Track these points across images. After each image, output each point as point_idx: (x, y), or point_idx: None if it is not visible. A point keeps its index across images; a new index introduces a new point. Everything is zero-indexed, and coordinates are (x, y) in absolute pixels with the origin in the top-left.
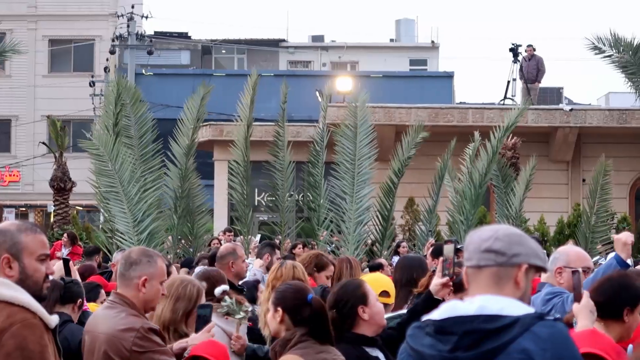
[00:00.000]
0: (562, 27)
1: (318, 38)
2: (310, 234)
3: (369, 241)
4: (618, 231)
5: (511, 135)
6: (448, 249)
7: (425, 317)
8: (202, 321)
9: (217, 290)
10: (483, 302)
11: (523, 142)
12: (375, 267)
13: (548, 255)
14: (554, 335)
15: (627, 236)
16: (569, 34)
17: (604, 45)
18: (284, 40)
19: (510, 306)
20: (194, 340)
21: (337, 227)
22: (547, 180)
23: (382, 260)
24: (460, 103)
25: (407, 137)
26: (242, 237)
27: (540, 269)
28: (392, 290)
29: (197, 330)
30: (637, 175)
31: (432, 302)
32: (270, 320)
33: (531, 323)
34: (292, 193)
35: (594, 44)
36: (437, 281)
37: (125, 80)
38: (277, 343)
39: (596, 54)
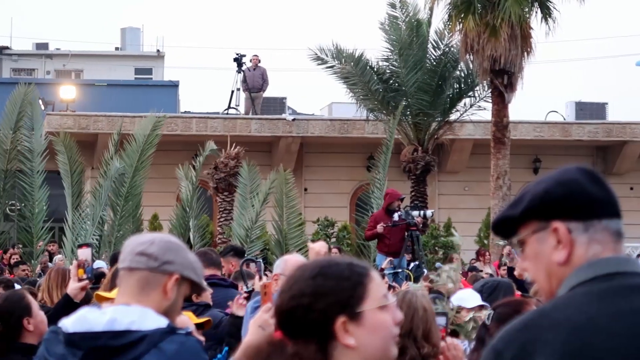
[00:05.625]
0: (286, 38)
1: (42, 46)
2: (28, 243)
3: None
4: (339, 240)
5: (234, 144)
6: (83, 253)
7: (61, 322)
8: None
9: None
10: (114, 314)
11: (246, 152)
12: None
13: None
14: (180, 351)
15: (320, 246)
16: (292, 44)
17: (327, 56)
18: (7, 48)
19: (141, 320)
20: None
21: (59, 235)
22: (272, 191)
23: None
24: (185, 112)
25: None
26: None
27: (196, 285)
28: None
29: None
30: (358, 184)
31: (71, 306)
32: None
33: (159, 339)
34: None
35: (316, 54)
36: (74, 285)
37: None
38: None
39: (319, 64)
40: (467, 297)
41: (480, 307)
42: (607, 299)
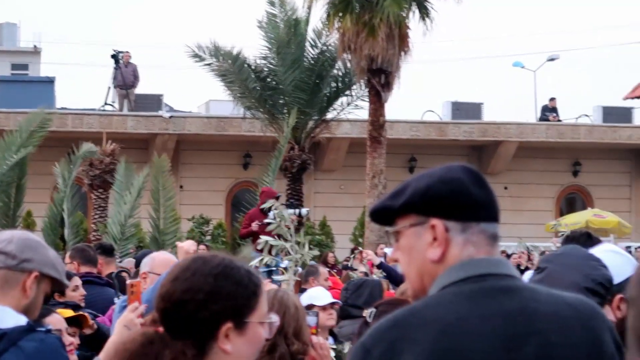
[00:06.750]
0: (164, 35)
1: None
2: None
3: None
4: (214, 238)
5: (110, 141)
6: None
7: None
8: None
9: None
10: None
11: (122, 149)
12: None
13: None
14: (39, 349)
15: (189, 244)
16: (171, 42)
17: (205, 53)
18: None
19: (1, 318)
20: None
21: None
22: (148, 187)
23: None
24: (62, 108)
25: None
26: None
27: (57, 282)
28: None
29: None
30: (234, 182)
31: None
32: None
33: (18, 337)
34: None
35: (194, 52)
36: None
37: None
38: None
39: (196, 61)
40: (318, 295)
41: (332, 305)
42: (477, 299)
